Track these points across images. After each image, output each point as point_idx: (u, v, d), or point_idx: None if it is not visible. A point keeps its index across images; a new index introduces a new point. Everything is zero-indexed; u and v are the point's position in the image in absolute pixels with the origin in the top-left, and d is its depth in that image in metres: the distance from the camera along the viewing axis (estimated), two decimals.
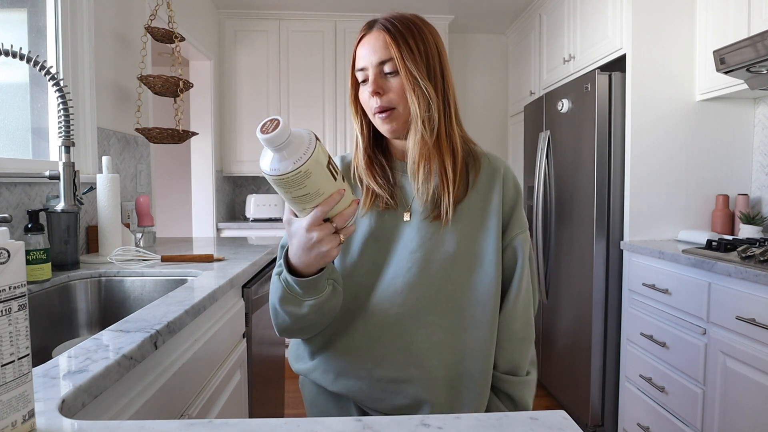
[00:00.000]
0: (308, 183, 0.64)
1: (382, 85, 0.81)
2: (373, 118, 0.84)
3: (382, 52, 0.80)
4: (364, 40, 0.83)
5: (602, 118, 2.14)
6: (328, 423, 0.51)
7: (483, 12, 3.42)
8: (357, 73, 0.84)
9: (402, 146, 0.88)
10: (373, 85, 0.81)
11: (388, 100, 0.81)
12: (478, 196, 0.85)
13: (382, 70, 0.81)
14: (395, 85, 0.81)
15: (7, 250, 0.47)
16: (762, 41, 1.55)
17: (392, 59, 0.80)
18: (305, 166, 0.62)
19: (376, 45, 0.81)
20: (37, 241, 1.19)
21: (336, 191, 0.67)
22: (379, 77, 0.81)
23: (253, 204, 3.43)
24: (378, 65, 0.81)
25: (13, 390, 0.47)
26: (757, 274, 1.39)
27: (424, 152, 0.82)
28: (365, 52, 0.82)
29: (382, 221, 0.85)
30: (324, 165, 0.65)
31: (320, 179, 0.65)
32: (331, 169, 0.66)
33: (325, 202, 0.67)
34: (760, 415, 1.40)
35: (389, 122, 0.82)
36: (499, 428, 0.51)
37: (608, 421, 2.22)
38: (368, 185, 0.86)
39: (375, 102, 0.81)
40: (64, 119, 1.22)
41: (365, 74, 0.83)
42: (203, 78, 3.24)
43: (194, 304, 0.96)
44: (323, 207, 0.67)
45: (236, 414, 1.29)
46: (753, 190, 2.16)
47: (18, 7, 1.54)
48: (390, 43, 0.80)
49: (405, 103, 0.81)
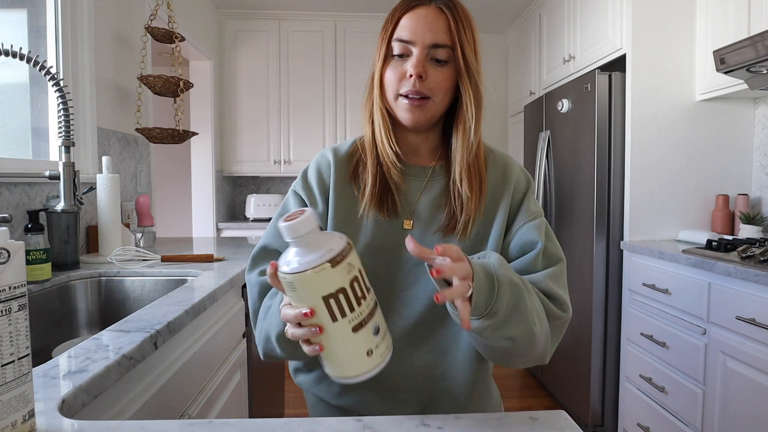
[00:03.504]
0: (298, 295, 0.53)
1: (427, 69, 0.72)
2: (397, 101, 0.74)
3: (441, 36, 0.71)
4: (419, 11, 0.72)
5: (602, 118, 2.14)
6: (328, 423, 0.51)
7: (483, 12, 3.42)
8: (395, 43, 0.73)
9: (417, 142, 0.80)
10: (417, 67, 0.70)
11: (428, 87, 0.72)
12: (488, 204, 0.78)
13: (434, 54, 0.72)
14: (440, 74, 0.72)
15: (7, 250, 0.47)
16: (762, 41, 1.55)
17: (449, 47, 0.71)
18: (300, 276, 0.51)
19: (435, 24, 0.71)
20: (37, 241, 1.19)
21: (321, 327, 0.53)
22: (425, 60, 0.72)
23: (253, 204, 3.43)
24: (430, 47, 0.71)
25: (13, 390, 0.47)
26: (757, 274, 1.39)
27: (472, 155, 0.75)
28: (418, 26, 0.71)
29: (380, 229, 0.76)
30: (328, 293, 0.51)
31: (314, 302, 0.52)
32: (342, 301, 0.52)
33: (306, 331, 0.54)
34: (760, 415, 1.40)
35: (420, 111, 0.73)
36: (499, 428, 0.51)
37: (608, 421, 2.21)
38: (373, 186, 0.76)
39: (411, 85, 0.71)
40: (64, 119, 1.21)
41: (408, 49, 0.72)
42: (203, 78, 3.24)
43: (194, 304, 0.96)
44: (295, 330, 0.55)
45: (236, 414, 1.29)
46: (753, 190, 2.16)
47: (18, 7, 1.54)
48: (453, 29, 0.71)
49: (442, 96, 0.73)
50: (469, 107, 0.74)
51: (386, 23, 0.75)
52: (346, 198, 0.79)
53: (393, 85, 0.74)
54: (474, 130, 0.75)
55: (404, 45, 0.72)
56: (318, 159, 0.83)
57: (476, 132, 0.75)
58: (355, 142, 0.84)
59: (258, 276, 0.77)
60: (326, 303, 0.52)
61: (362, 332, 0.53)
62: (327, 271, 0.51)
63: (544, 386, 2.76)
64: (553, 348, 0.72)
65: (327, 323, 0.53)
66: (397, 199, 0.77)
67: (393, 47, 0.73)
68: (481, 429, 0.51)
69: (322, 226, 0.55)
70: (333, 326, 0.53)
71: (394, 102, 0.75)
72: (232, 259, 1.51)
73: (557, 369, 2.54)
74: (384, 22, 0.76)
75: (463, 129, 0.75)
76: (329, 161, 0.81)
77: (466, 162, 0.75)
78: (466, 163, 0.75)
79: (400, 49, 0.73)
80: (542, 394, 2.68)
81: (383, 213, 0.76)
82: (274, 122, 3.48)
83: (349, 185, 0.80)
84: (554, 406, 2.53)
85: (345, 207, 0.78)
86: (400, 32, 0.73)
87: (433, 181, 0.79)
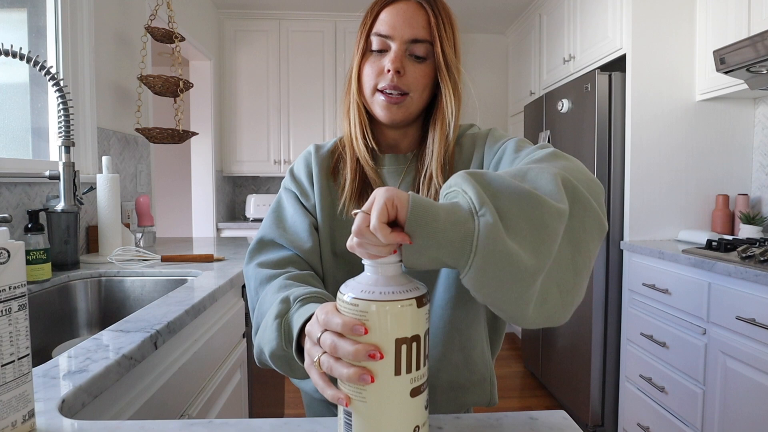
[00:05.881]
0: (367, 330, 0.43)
1: (405, 65, 0.70)
2: (374, 96, 0.73)
3: (420, 31, 0.70)
4: (399, 6, 0.71)
5: (602, 118, 2.14)
6: (328, 423, 0.51)
7: (483, 12, 3.42)
8: (373, 37, 0.72)
9: (395, 137, 0.78)
10: (395, 62, 0.69)
11: (406, 83, 0.70)
12: None
13: (412, 50, 0.70)
14: (419, 70, 0.71)
15: (7, 250, 0.47)
16: (762, 41, 1.55)
17: (428, 43, 0.70)
18: (379, 306, 0.42)
19: (414, 19, 0.70)
20: (37, 241, 1.19)
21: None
22: (404, 55, 0.70)
23: (253, 204, 3.43)
24: (409, 42, 0.70)
25: (13, 390, 0.47)
26: (757, 274, 1.39)
27: (449, 151, 0.74)
28: (397, 21, 0.70)
29: None
30: (403, 336, 0.43)
31: (381, 340, 0.42)
32: (413, 352, 0.43)
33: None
34: (760, 415, 1.40)
35: (397, 108, 0.71)
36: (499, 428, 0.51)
37: (608, 421, 2.21)
38: (353, 181, 0.75)
39: (389, 80, 0.70)
40: (64, 119, 1.21)
41: (386, 44, 0.71)
42: (203, 78, 3.24)
43: (194, 304, 0.96)
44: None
45: (236, 414, 1.29)
46: (753, 190, 2.16)
47: (18, 7, 1.54)
48: (433, 25, 0.70)
49: (420, 92, 0.72)
50: (448, 104, 0.73)
51: (365, 17, 0.74)
52: (328, 195, 0.78)
53: (371, 80, 0.72)
54: (452, 127, 0.74)
55: (383, 40, 0.71)
56: (303, 155, 0.83)
57: (455, 129, 0.74)
58: (336, 141, 0.84)
59: (256, 267, 0.73)
60: (397, 348, 0.42)
61: (418, 400, 0.44)
62: (412, 309, 0.43)
63: (544, 386, 2.76)
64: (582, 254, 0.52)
65: (386, 374, 0.42)
66: None
67: (371, 42, 0.72)
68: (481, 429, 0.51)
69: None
70: (392, 381, 0.42)
71: (371, 97, 0.73)
72: (232, 259, 1.51)
73: (557, 369, 2.54)
74: (363, 17, 0.75)
75: (441, 125, 0.74)
76: (311, 156, 0.81)
77: (442, 159, 0.74)
78: (442, 159, 0.74)
79: (378, 44, 0.71)
80: (542, 394, 2.68)
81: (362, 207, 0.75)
82: (274, 122, 3.48)
83: (329, 182, 0.79)
84: (554, 406, 2.54)
85: (328, 203, 0.78)
86: (378, 27, 0.71)
87: (410, 169, 0.78)
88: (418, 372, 0.43)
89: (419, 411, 0.44)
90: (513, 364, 3.11)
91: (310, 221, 0.76)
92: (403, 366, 0.42)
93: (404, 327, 0.42)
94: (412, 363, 0.43)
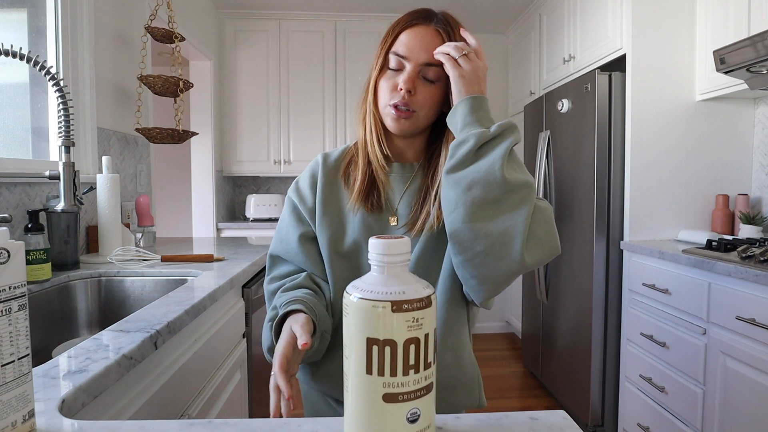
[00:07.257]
0: (346, 322, 0.46)
1: (416, 85, 0.77)
2: (384, 109, 0.80)
3: (434, 56, 0.76)
4: (417, 30, 0.77)
5: (602, 118, 2.14)
6: (328, 423, 0.51)
7: (483, 12, 3.42)
8: (391, 55, 0.78)
9: (403, 145, 0.85)
10: (407, 83, 0.76)
11: (415, 102, 0.77)
12: None
13: (425, 72, 0.77)
14: (428, 91, 0.77)
15: (7, 250, 0.47)
16: (762, 41, 1.55)
17: (440, 67, 0.76)
18: (355, 304, 0.45)
19: (430, 45, 0.76)
20: (37, 241, 1.19)
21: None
22: (416, 77, 0.77)
23: (253, 204, 3.43)
24: (423, 65, 0.76)
25: (13, 390, 0.47)
26: (757, 274, 1.39)
27: None
28: (415, 43, 0.76)
29: (367, 225, 0.81)
30: (374, 336, 0.44)
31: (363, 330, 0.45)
32: (386, 356, 0.44)
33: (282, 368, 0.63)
34: (760, 415, 1.40)
35: (405, 122, 0.78)
36: (499, 428, 0.51)
37: (608, 421, 2.21)
38: (362, 182, 0.82)
39: (401, 98, 0.77)
40: (64, 119, 1.21)
41: (402, 63, 0.77)
42: (203, 78, 3.24)
43: (194, 304, 0.96)
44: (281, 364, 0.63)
45: (236, 414, 1.29)
46: (753, 190, 2.16)
47: (18, 7, 1.54)
48: None
49: (428, 110, 0.78)
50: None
51: (387, 35, 0.80)
52: (336, 196, 0.85)
53: (385, 95, 0.79)
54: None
55: (399, 59, 0.78)
56: (311, 164, 0.90)
57: None
58: (347, 147, 0.91)
59: (268, 283, 0.85)
60: (368, 347, 0.44)
61: (394, 408, 0.44)
62: (385, 312, 0.44)
63: (544, 386, 2.76)
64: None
65: (359, 371, 0.44)
66: (383, 196, 0.83)
67: (389, 60, 0.79)
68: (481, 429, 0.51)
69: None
70: (363, 378, 0.44)
71: (383, 110, 0.80)
72: (232, 259, 1.51)
73: (557, 369, 2.54)
74: (385, 33, 0.81)
75: (448, 141, 0.79)
76: (318, 165, 0.88)
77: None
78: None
79: (395, 62, 0.78)
80: (542, 394, 2.68)
81: (368, 207, 0.81)
82: (274, 122, 3.48)
83: (338, 184, 0.86)
84: (554, 406, 2.54)
85: (335, 205, 0.84)
86: (397, 47, 0.78)
87: (416, 178, 0.84)
88: (394, 378, 0.44)
89: (397, 422, 0.44)
90: (513, 364, 3.11)
91: (300, 233, 0.84)
92: (375, 367, 0.44)
93: (375, 328, 0.44)
94: (385, 367, 0.43)
